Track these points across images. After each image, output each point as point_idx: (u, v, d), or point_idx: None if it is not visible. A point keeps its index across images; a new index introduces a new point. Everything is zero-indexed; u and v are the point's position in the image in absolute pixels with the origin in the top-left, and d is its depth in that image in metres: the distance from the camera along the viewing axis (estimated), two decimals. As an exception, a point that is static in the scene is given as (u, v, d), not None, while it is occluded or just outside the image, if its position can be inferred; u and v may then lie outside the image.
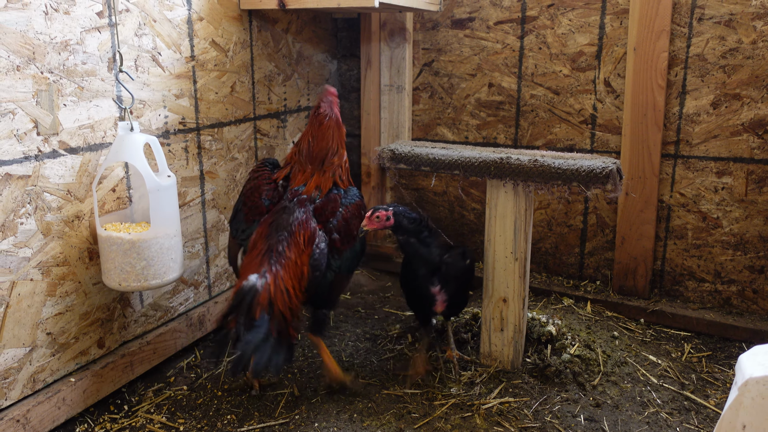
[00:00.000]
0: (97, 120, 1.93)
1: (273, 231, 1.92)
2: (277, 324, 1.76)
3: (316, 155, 2.08)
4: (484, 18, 2.86)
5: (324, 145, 2.10)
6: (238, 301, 1.74)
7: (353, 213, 2.06)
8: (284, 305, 1.80)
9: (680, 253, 2.66)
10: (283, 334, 1.78)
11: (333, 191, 2.07)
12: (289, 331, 1.81)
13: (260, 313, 1.73)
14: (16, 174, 1.71)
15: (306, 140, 2.11)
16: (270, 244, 1.89)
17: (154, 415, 2.01)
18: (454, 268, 2.10)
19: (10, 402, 1.79)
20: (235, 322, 1.71)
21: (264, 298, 1.75)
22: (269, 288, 1.77)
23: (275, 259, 1.85)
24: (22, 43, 1.68)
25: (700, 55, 2.47)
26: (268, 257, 1.85)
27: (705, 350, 2.41)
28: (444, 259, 2.08)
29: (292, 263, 1.87)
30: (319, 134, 2.10)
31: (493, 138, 2.97)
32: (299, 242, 1.91)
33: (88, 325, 2.00)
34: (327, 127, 2.10)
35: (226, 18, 2.42)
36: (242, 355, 1.67)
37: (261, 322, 1.72)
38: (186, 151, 2.30)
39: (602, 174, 1.89)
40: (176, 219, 1.95)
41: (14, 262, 1.74)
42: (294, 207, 1.98)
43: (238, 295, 1.75)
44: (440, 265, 2.08)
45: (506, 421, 1.95)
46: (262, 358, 1.70)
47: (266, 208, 2.03)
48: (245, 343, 1.69)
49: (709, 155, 2.52)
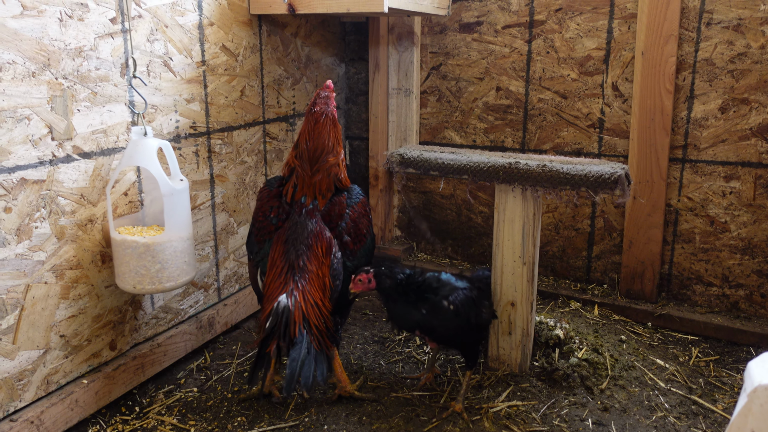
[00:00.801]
0: (109, 125, 1.95)
1: (290, 247, 1.94)
2: (314, 337, 1.81)
3: (314, 155, 2.05)
4: (492, 22, 2.87)
5: (321, 144, 2.06)
6: (273, 324, 1.78)
7: (360, 212, 2.07)
8: (317, 318, 1.84)
9: (688, 257, 2.66)
10: (322, 346, 1.84)
11: (336, 194, 2.08)
12: (326, 342, 1.86)
13: (298, 330, 1.78)
14: (31, 179, 1.74)
15: (303, 140, 2.08)
16: (290, 260, 1.91)
17: (165, 417, 2.03)
18: (436, 318, 1.98)
19: (24, 403, 1.81)
20: (275, 345, 1.75)
21: (298, 316, 1.80)
22: (300, 305, 1.81)
23: (299, 275, 1.88)
24: (37, 49, 1.70)
25: (709, 59, 2.47)
26: (291, 274, 1.88)
27: (713, 354, 2.41)
28: (424, 314, 1.98)
29: (315, 276, 1.90)
30: (315, 133, 2.06)
31: (501, 141, 2.98)
32: (318, 254, 1.94)
33: (101, 328, 2.02)
34: (323, 125, 2.06)
35: (236, 23, 2.44)
36: (292, 372, 1.72)
37: (300, 339, 1.77)
38: (196, 155, 2.32)
39: (611, 180, 1.90)
40: (189, 222, 1.97)
41: (29, 265, 1.77)
42: (305, 220, 1.99)
43: (273, 318, 1.78)
44: (422, 318, 1.99)
45: (514, 425, 1.96)
46: (309, 372, 1.74)
47: (275, 225, 2.03)
48: (292, 361, 1.73)
49: (717, 159, 2.53)
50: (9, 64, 1.64)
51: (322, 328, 1.85)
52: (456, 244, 3.21)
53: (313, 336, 1.80)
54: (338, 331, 2.07)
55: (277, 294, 1.84)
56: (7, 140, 1.66)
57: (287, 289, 1.84)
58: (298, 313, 1.80)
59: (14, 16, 1.64)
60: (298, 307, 1.80)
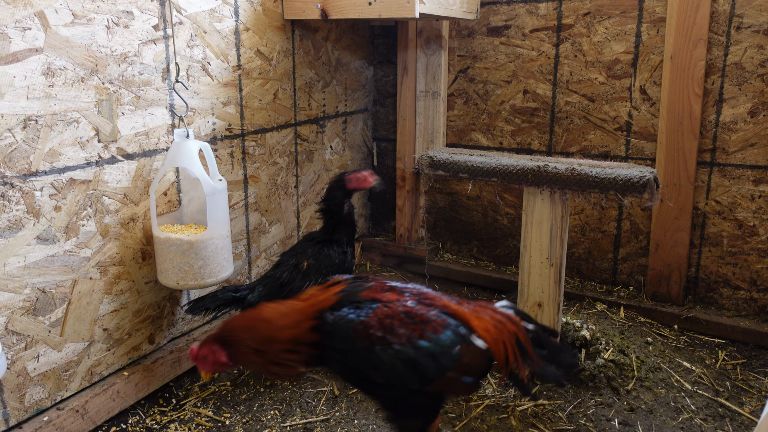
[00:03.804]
0: (151, 127, 2.03)
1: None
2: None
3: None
4: (520, 26, 2.90)
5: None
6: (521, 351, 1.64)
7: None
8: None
9: (715, 261, 2.66)
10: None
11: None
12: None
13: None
14: (79, 179, 1.82)
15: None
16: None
17: (201, 409, 2.10)
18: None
19: (70, 393, 1.90)
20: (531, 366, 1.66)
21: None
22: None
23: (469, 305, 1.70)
24: (86, 55, 1.79)
25: (738, 63, 2.48)
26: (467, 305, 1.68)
27: (740, 358, 2.42)
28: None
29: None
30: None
31: (528, 144, 3.00)
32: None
33: (140, 322, 2.11)
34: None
35: (270, 28, 2.51)
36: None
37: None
38: (231, 156, 2.40)
39: (639, 183, 1.93)
40: (227, 221, 2.05)
41: (76, 261, 1.85)
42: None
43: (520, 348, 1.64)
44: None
45: (541, 423, 1.99)
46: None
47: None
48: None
49: (746, 163, 2.53)
50: (61, 70, 1.72)
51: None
52: (482, 245, 3.24)
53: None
54: None
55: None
56: (58, 142, 1.74)
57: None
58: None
59: (66, 25, 1.72)
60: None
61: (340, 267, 2.27)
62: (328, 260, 2.25)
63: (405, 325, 1.47)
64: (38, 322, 1.77)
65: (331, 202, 2.28)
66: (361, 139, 3.32)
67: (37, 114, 1.68)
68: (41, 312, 1.78)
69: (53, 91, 1.71)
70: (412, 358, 1.45)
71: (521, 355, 1.57)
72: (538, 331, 1.64)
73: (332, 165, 3.08)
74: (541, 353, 1.61)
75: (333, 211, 2.29)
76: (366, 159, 3.39)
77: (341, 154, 3.14)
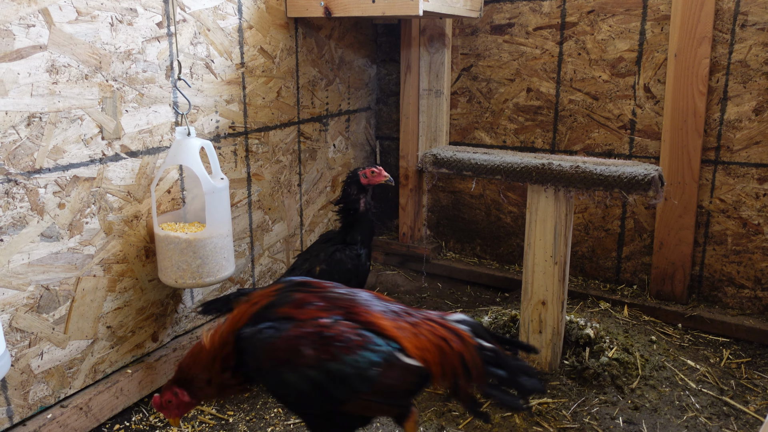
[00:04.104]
0: (155, 125, 2.03)
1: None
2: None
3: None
4: (524, 24, 2.90)
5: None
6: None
7: None
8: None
9: (719, 259, 2.66)
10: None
11: None
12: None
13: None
14: (83, 176, 1.82)
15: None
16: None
17: (204, 407, 2.10)
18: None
19: (74, 390, 1.90)
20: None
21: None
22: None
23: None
24: (90, 53, 1.78)
25: (743, 61, 2.47)
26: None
27: (744, 356, 2.41)
28: None
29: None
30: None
31: (531, 142, 3.00)
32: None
33: (144, 320, 2.10)
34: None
35: (273, 26, 2.50)
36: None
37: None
38: (235, 154, 2.40)
39: (644, 181, 1.92)
40: (228, 219, 2.04)
41: (79, 258, 1.85)
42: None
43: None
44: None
45: (545, 422, 1.99)
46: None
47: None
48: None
49: (750, 161, 2.52)
50: (65, 67, 1.72)
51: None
52: (485, 244, 3.24)
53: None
54: None
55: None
56: (62, 139, 1.74)
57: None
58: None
59: (70, 22, 1.72)
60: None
61: (354, 272, 2.21)
62: (340, 265, 2.19)
63: (315, 346, 1.41)
64: (42, 320, 1.77)
65: (347, 199, 2.24)
66: (364, 138, 3.32)
67: (41, 111, 1.68)
68: (45, 309, 1.78)
69: (57, 88, 1.71)
70: (319, 381, 1.40)
71: (465, 376, 1.47)
72: (496, 351, 1.51)
73: (335, 163, 3.07)
74: (499, 375, 1.49)
75: (349, 209, 2.25)
76: (369, 157, 3.39)
77: (344, 152, 3.14)
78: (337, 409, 1.46)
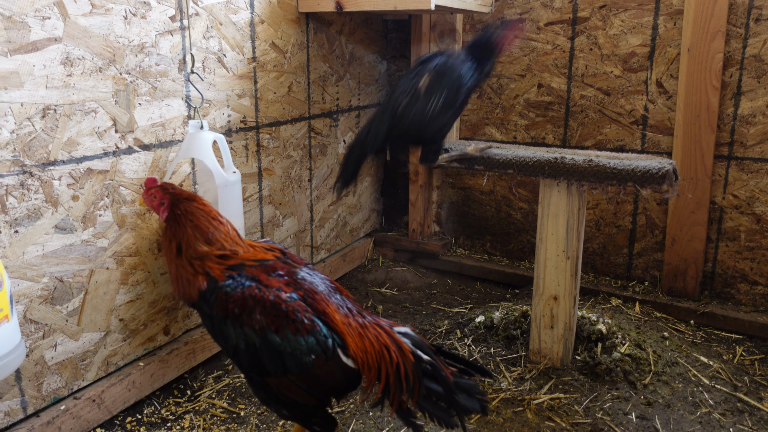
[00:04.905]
0: (167, 118, 2.03)
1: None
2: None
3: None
4: (535, 19, 2.89)
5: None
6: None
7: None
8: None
9: (732, 255, 2.64)
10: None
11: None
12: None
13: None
14: (96, 169, 1.82)
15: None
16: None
17: (215, 400, 2.10)
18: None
19: (86, 383, 1.91)
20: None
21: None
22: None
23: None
24: (104, 45, 1.79)
25: (757, 56, 2.45)
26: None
27: (758, 353, 2.39)
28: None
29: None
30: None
31: (542, 138, 2.99)
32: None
33: (156, 313, 2.11)
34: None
35: (285, 20, 2.51)
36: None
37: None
38: (246, 148, 2.40)
39: (659, 174, 1.91)
40: (241, 213, 2.05)
41: (93, 251, 1.86)
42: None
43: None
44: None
45: (557, 417, 1.98)
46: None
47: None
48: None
49: (764, 157, 2.50)
50: (79, 59, 1.73)
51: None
52: (495, 240, 3.23)
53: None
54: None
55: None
56: (76, 132, 1.75)
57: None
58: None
59: (84, 14, 1.73)
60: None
61: (459, 85, 2.02)
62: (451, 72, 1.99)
63: (267, 314, 1.49)
64: (56, 311, 1.78)
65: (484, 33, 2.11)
66: (374, 134, 3.31)
67: (55, 103, 1.69)
68: (59, 301, 1.78)
69: (72, 80, 1.72)
70: (254, 345, 1.49)
71: (397, 385, 1.51)
72: (434, 365, 1.53)
73: (345, 159, 3.07)
74: (434, 389, 1.52)
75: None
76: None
77: (354, 148, 3.14)
78: (261, 380, 1.54)
